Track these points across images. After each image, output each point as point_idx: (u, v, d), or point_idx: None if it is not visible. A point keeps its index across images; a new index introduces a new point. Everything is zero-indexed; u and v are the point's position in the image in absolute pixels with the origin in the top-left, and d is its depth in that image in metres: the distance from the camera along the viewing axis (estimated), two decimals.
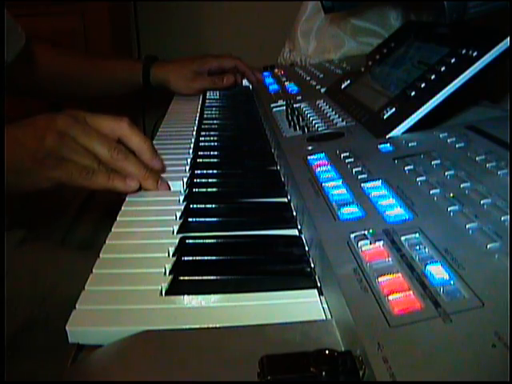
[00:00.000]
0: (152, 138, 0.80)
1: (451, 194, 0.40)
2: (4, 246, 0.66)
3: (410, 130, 0.56)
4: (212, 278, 0.40)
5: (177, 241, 0.45)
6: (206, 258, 0.43)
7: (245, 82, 1.13)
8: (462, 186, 0.41)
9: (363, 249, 0.36)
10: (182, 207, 0.52)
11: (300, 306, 0.36)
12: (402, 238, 0.36)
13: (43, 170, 0.53)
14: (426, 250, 0.34)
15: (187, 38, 2.04)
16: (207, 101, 1.01)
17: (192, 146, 0.73)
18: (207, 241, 0.46)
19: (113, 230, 0.48)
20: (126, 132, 0.57)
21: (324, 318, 0.35)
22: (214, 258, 0.43)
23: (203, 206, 0.52)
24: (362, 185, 0.46)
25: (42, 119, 0.56)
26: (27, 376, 0.58)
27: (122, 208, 0.53)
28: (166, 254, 0.43)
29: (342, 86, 0.79)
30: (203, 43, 2.05)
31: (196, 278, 0.40)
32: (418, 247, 0.35)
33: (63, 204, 0.88)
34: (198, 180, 0.60)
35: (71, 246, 0.82)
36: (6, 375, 0.50)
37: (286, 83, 0.98)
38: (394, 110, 0.59)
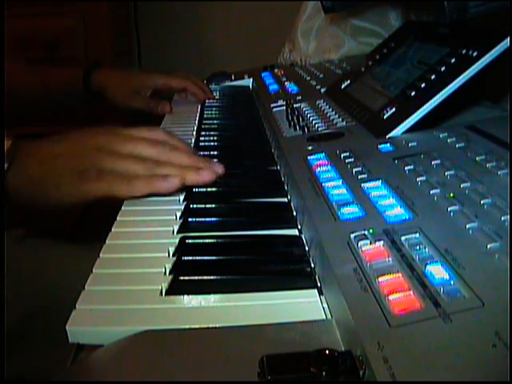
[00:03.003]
0: None
1: (451, 194, 0.40)
2: (4, 244, 0.66)
3: (410, 130, 0.56)
4: (212, 277, 0.40)
5: (177, 241, 0.45)
6: (205, 257, 0.43)
7: (245, 82, 1.13)
8: (461, 185, 0.41)
9: (363, 249, 0.36)
10: (182, 207, 0.52)
11: (300, 305, 0.36)
12: (402, 238, 0.36)
13: (83, 183, 0.52)
14: (426, 249, 0.34)
15: (187, 38, 2.04)
16: (207, 101, 1.01)
17: (192, 145, 0.73)
18: (207, 241, 0.46)
19: (113, 229, 0.48)
20: (165, 137, 0.57)
21: (324, 317, 0.35)
22: (214, 257, 0.43)
23: (203, 205, 0.52)
24: (362, 185, 0.46)
25: (79, 134, 0.56)
26: (27, 375, 0.58)
27: (122, 208, 0.53)
28: (166, 254, 0.43)
29: (342, 86, 0.79)
30: (203, 43, 2.05)
31: (196, 277, 0.40)
32: (418, 247, 0.35)
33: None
34: None
35: (71, 246, 0.82)
36: (5, 375, 0.50)
37: (286, 83, 0.98)
38: (394, 109, 0.59)
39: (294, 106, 0.79)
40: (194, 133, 0.80)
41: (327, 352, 0.28)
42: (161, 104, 0.95)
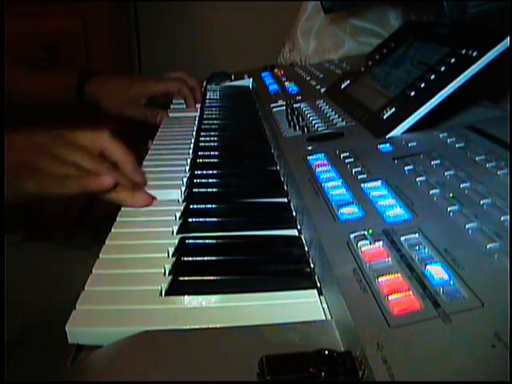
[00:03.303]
0: (152, 138, 0.80)
1: (451, 194, 0.40)
2: (4, 246, 0.66)
3: (410, 130, 0.56)
4: (212, 278, 0.40)
5: (177, 241, 0.45)
6: (205, 258, 0.43)
7: (245, 82, 1.13)
8: (461, 185, 0.41)
9: (363, 249, 0.36)
10: (182, 207, 0.52)
11: (300, 306, 0.36)
12: (402, 238, 0.36)
13: (18, 181, 0.52)
14: (426, 250, 0.34)
15: (187, 38, 2.04)
16: (207, 101, 1.01)
17: (192, 145, 0.73)
18: (207, 241, 0.46)
19: (113, 230, 0.48)
20: (108, 144, 0.55)
21: (324, 318, 0.35)
22: (213, 258, 0.43)
23: (203, 206, 0.52)
24: (362, 185, 0.46)
25: (20, 134, 0.55)
26: (27, 376, 0.58)
27: (122, 209, 0.53)
28: (166, 255, 0.43)
29: (342, 86, 0.79)
30: (203, 43, 2.05)
31: (196, 278, 0.40)
32: (417, 247, 0.35)
33: (64, 205, 0.88)
34: (198, 180, 0.60)
35: (71, 247, 0.82)
36: (5, 375, 0.50)
37: (286, 83, 0.98)
38: (393, 109, 0.59)
39: (294, 105, 0.79)
40: (194, 133, 0.80)
41: (327, 352, 0.28)
42: (159, 115, 0.94)
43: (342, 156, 0.53)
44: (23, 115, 1.06)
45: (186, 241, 0.45)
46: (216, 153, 0.71)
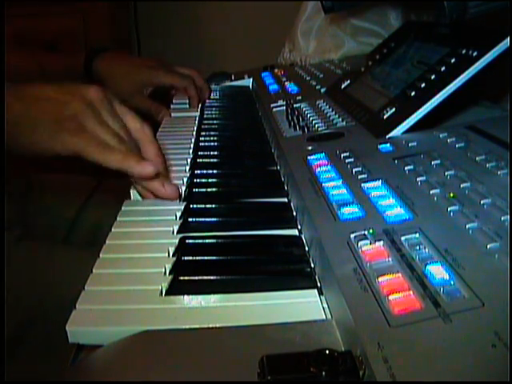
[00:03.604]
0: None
1: (451, 194, 0.40)
2: (4, 244, 0.66)
3: (410, 129, 0.56)
4: (212, 278, 0.40)
5: (177, 241, 0.45)
6: (206, 258, 0.43)
7: (245, 82, 1.13)
8: (461, 185, 0.41)
9: (363, 249, 0.36)
10: (182, 207, 0.52)
11: (300, 305, 0.36)
12: (402, 238, 0.36)
13: (61, 133, 0.49)
14: (426, 249, 0.34)
15: (187, 38, 2.04)
16: (207, 101, 1.01)
17: (192, 145, 0.73)
18: (207, 241, 0.46)
19: (113, 230, 0.48)
20: (148, 138, 0.55)
21: (324, 318, 0.35)
22: (214, 257, 0.43)
23: (203, 205, 0.52)
24: (362, 185, 0.46)
25: (74, 85, 0.53)
26: (27, 376, 0.58)
27: (122, 208, 0.53)
28: (166, 254, 0.43)
29: (342, 86, 0.79)
30: (203, 43, 2.05)
31: (196, 277, 0.40)
32: (418, 247, 0.35)
33: (63, 203, 0.88)
34: (198, 180, 0.60)
35: (71, 246, 0.82)
36: (5, 375, 0.50)
37: (286, 83, 0.98)
38: (393, 109, 0.59)
39: (294, 105, 0.79)
40: (194, 133, 0.80)
41: (327, 352, 0.28)
42: (162, 111, 0.93)
43: (342, 156, 0.53)
44: None
45: (187, 240, 0.45)
46: (216, 153, 0.71)
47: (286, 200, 0.54)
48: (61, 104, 0.50)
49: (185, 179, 0.60)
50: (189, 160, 0.66)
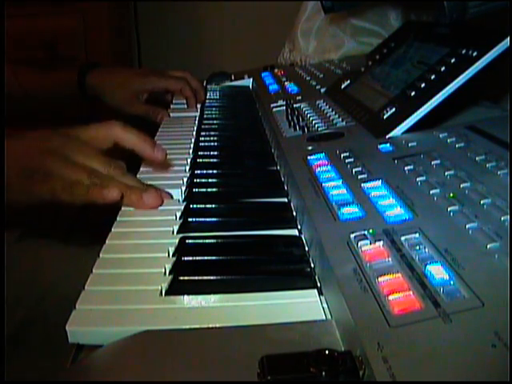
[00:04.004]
0: (152, 138, 0.80)
1: (451, 194, 0.40)
2: (4, 244, 0.66)
3: (410, 130, 0.56)
4: (212, 278, 0.40)
5: (177, 241, 0.45)
6: (206, 258, 0.43)
7: (245, 82, 1.13)
8: (461, 185, 0.41)
9: (363, 249, 0.36)
10: (182, 207, 0.52)
11: (300, 306, 0.36)
12: (402, 238, 0.36)
13: (29, 185, 0.52)
14: (426, 249, 0.34)
15: (187, 38, 2.04)
16: (207, 101, 1.01)
17: (192, 145, 0.73)
18: (207, 241, 0.46)
19: (113, 230, 0.48)
20: (121, 134, 0.56)
21: (324, 318, 0.35)
22: (214, 257, 0.43)
23: (203, 205, 0.52)
24: (362, 185, 0.46)
25: (35, 136, 0.55)
26: (27, 376, 0.58)
27: (122, 208, 0.53)
28: (166, 254, 0.43)
29: (342, 86, 0.79)
30: (203, 43, 2.05)
31: (196, 278, 0.40)
32: (418, 247, 0.35)
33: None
34: (198, 180, 0.60)
35: (71, 245, 0.82)
36: (5, 375, 0.50)
37: (285, 83, 0.98)
38: (393, 109, 0.59)
39: (294, 105, 0.79)
40: (194, 133, 0.80)
41: (327, 352, 0.28)
42: (160, 113, 0.94)
43: (342, 156, 0.53)
44: (25, 112, 1.06)
45: (187, 240, 0.45)
46: (216, 153, 0.71)
47: (285, 200, 0.54)
48: (27, 158, 0.52)
49: (185, 179, 0.60)
50: (189, 160, 0.66)
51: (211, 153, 0.70)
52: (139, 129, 0.57)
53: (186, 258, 0.42)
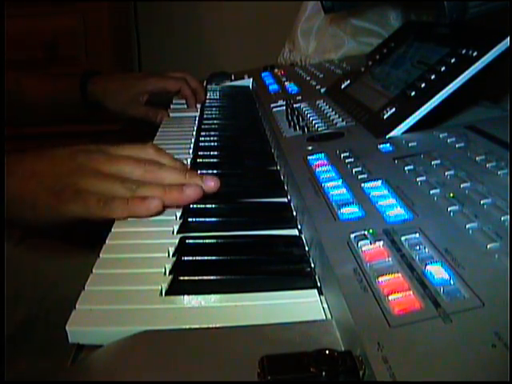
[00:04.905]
0: (152, 138, 0.80)
1: (451, 194, 0.40)
2: (4, 244, 0.66)
3: (410, 130, 0.56)
4: (212, 278, 0.40)
5: (177, 241, 0.45)
6: (206, 258, 0.43)
7: (245, 82, 1.13)
8: (462, 186, 0.41)
9: (363, 249, 0.36)
10: (182, 207, 0.52)
11: (300, 305, 0.36)
12: (402, 238, 0.36)
13: (58, 204, 0.48)
14: (426, 250, 0.34)
15: (187, 38, 2.04)
16: (207, 101, 1.01)
17: (192, 145, 0.73)
18: (207, 241, 0.46)
19: (113, 229, 0.48)
20: (155, 156, 0.54)
21: (324, 318, 0.35)
22: (214, 257, 0.43)
23: (203, 205, 0.52)
24: (362, 185, 0.46)
25: (62, 152, 0.53)
26: (27, 376, 0.58)
27: None
28: (166, 254, 0.43)
29: (342, 86, 0.79)
30: (203, 43, 2.05)
31: (196, 277, 0.40)
32: (418, 247, 0.35)
33: None
34: None
35: (71, 246, 0.82)
36: (5, 375, 0.50)
37: (285, 83, 0.98)
38: (394, 109, 0.59)
39: (294, 106, 0.79)
40: (194, 133, 0.80)
41: (327, 352, 0.28)
42: (159, 114, 0.94)
43: (342, 156, 0.53)
44: (28, 118, 1.07)
45: (187, 240, 0.45)
46: (216, 153, 0.71)
47: (286, 200, 0.54)
48: (53, 177, 0.50)
49: None
50: (189, 160, 0.66)
51: (211, 153, 0.70)
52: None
53: (185, 258, 0.42)
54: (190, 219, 0.49)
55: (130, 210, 0.48)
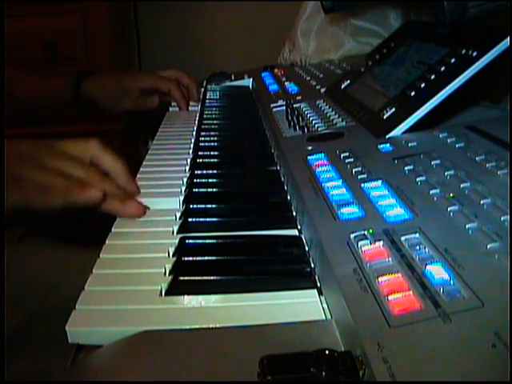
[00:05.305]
0: (152, 138, 0.80)
1: (451, 194, 0.40)
2: (4, 244, 0.66)
3: (410, 130, 0.56)
4: (212, 278, 0.40)
5: (177, 241, 0.45)
6: (206, 258, 0.43)
7: (245, 82, 1.13)
8: (461, 185, 0.41)
9: (363, 249, 0.36)
10: (182, 208, 0.52)
11: (300, 306, 0.36)
12: (402, 238, 0.36)
13: (3, 194, 0.47)
14: (426, 249, 0.34)
15: (187, 38, 2.04)
16: (207, 101, 1.01)
17: (192, 145, 0.73)
18: (207, 241, 0.46)
19: (113, 230, 0.48)
20: (98, 152, 0.53)
21: (324, 318, 0.35)
22: (213, 258, 0.43)
23: (203, 206, 0.52)
24: (362, 185, 0.46)
25: (5, 144, 0.51)
26: (27, 376, 0.58)
27: None
28: (166, 254, 0.43)
29: (342, 86, 0.79)
30: (203, 43, 2.05)
31: (196, 278, 0.40)
32: (418, 247, 0.35)
33: None
34: (198, 180, 0.60)
35: (71, 246, 0.82)
36: (5, 375, 0.50)
37: (285, 83, 0.98)
38: (393, 109, 0.59)
39: (294, 106, 0.79)
40: (194, 133, 0.80)
41: (327, 352, 0.28)
42: (148, 99, 0.95)
43: (342, 156, 0.53)
44: (23, 115, 1.07)
45: (186, 241, 0.45)
46: (216, 153, 0.71)
47: (286, 200, 0.54)
48: None
49: (185, 179, 0.60)
50: (189, 160, 0.66)
51: (211, 153, 0.70)
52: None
53: (185, 258, 0.42)
54: (189, 219, 0.49)
55: (69, 197, 0.47)
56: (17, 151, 0.50)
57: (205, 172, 0.62)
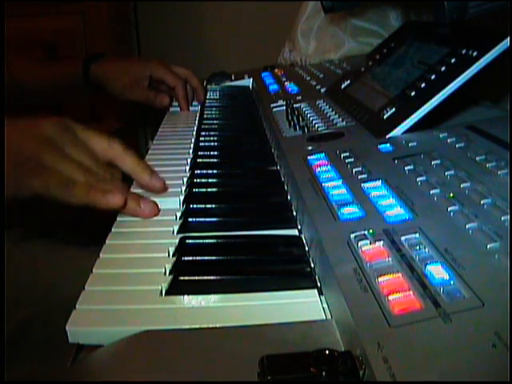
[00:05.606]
0: (152, 138, 0.80)
1: (451, 194, 0.40)
2: (4, 244, 0.66)
3: (410, 130, 0.56)
4: (212, 278, 0.40)
5: (177, 241, 0.45)
6: (206, 258, 0.43)
7: (245, 82, 1.13)
8: (462, 185, 0.41)
9: (363, 249, 0.36)
10: (182, 207, 0.52)
11: (300, 306, 0.36)
12: (402, 238, 0.36)
13: (22, 175, 0.47)
14: (426, 249, 0.34)
15: (187, 38, 2.04)
16: (207, 101, 1.01)
17: (192, 145, 0.73)
18: (207, 241, 0.46)
19: (113, 230, 0.48)
20: (119, 153, 0.52)
21: (324, 318, 0.35)
22: (214, 258, 0.43)
23: (203, 205, 0.52)
24: (362, 185, 0.46)
25: (26, 121, 0.51)
26: (27, 376, 0.58)
27: None
28: (166, 254, 0.43)
29: (342, 86, 0.79)
30: (203, 43, 2.05)
31: (196, 278, 0.40)
32: (418, 247, 0.35)
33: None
34: (198, 180, 0.60)
35: (71, 246, 0.82)
36: (5, 375, 0.50)
37: (285, 83, 0.98)
38: (394, 109, 0.59)
39: (294, 106, 0.79)
40: (194, 133, 0.80)
41: (327, 352, 0.28)
42: (159, 97, 0.93)
43: (342, 156, 0.53)
44: (30, 103, 1.06)
45: (187, 240, 0.45)
46: (216, 153, 0.71)
47: (286, 200, 0.54)
48: (17, 146, 0.48)
49: (185, 179, 0.60)
50: (189, 160, 0.67)
51: (211, 153, 0.70)
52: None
53: (185, 258, 0.42)
54: (189, 219, 0.49)
55: (90, 199, 0.47)
56: (40, 133, 0.49)
57: (205, 172, 0.62)
